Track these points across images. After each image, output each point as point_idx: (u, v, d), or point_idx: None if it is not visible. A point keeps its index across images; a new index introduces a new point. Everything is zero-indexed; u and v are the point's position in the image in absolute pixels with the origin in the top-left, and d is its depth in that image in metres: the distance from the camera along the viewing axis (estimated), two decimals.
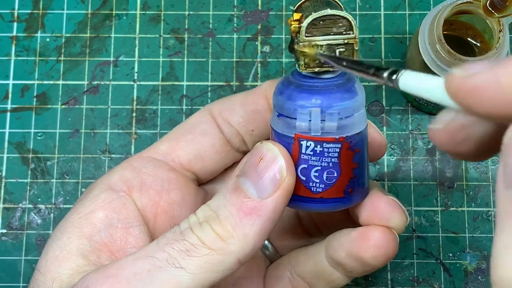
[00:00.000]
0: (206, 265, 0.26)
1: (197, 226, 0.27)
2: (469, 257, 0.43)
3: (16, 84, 0.46)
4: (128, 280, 0.26)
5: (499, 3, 0.36)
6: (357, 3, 0.47)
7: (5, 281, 0.43)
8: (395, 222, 0.29)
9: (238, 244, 0.26)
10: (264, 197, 0.26)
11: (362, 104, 0.29)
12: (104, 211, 0.30)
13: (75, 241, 0.29)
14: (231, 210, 0.27)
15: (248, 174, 0.27)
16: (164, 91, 0.46)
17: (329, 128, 0.27)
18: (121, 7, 0.47)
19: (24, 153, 0.45)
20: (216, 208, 0.27)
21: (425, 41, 0.38)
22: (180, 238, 0.26)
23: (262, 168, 0.27)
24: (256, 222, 0.26)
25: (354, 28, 0.29)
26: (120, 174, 0.32)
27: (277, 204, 0.27)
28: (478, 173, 0.44)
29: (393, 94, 0.46)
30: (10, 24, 0.47)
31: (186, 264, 0.26)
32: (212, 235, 0.26)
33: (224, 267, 0.26)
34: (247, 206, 0.26)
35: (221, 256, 0.26)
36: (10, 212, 0.44)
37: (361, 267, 0.30)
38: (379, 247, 0.28)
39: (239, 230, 0.26)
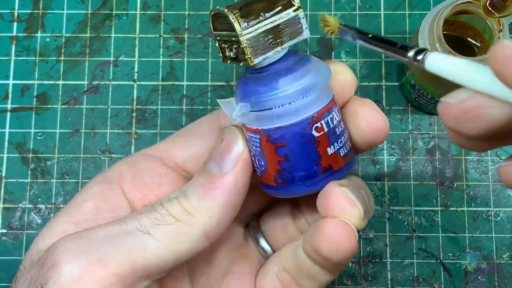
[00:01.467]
0: (172, 235, 0.27)
1: (166, 201, 0.29)
2: (469, 257, 0.43)
3: (16, 84, 0.46)
4: (97, 241, 0.27)
5: (499, 3, 0.36)
6: (357, 3, 0.47)
7: (5, 281, 0.43)
8: (347, 214, 0.28)
9: (203, 218, 0.28)
10: (224, 171, 0.28)
11: (291, 97, 0.28)
12: (94, 200, 0.31)
13: (62, 225, 0.30)
14: (196, 188, 0.29)
15: (212, 155, 0.29)
16: (164, 91, 0.46)
17: (245, 119, 0.29)
18: (121, 7, 0.47)
19: (24, 153, 0.45)
20: (185, 188, 0.29)
21: (425, 41, 0.39)
22: (151, 209, 0.28)
23: (222, 148, 0.29)
24: (218, 197, 0.28)
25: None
26: (117, 168, 0.33)
27: (237, 177, 0.29)
28: (478, 173, 0.44)
29: (393, 94, 0.46)
30: (10, 24, 0.47)
31: (153, 231, 0.27)
32: (179, 207, 0.28)
33: (190, 238, 0.28)
34: (210, 183, 0.28)
35: (187, 226, 0.28)
36: (10, 212, 0.44)
37: (324, 262, 0.29)
38: (332, 240, 0.28)
39: (203, 204, 0.28)
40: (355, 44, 0.46)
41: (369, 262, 0.43)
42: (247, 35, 0.27)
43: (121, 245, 0.27)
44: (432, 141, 0.45)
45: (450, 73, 0.22)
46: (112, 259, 0.26)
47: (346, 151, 0.30)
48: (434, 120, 0.45)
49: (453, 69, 0.22)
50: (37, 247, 0.30)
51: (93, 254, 0.26)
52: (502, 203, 0.44)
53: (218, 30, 0.29)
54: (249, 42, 0.27)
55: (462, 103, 0.23)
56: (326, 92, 0.29)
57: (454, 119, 0.23)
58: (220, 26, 0.28)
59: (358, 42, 0.27)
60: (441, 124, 0.45)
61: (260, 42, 0.27)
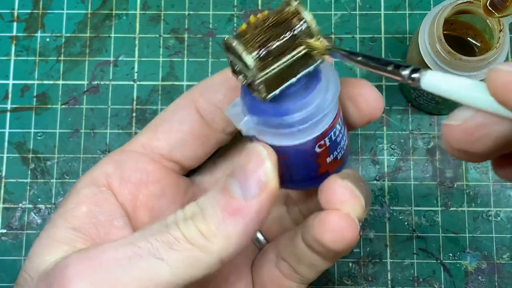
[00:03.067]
0: (186, 260, 0.26)
1: (182, 221, 0.27)
2: (469, 257, 0.43)
3: (16, 84, 0.46)
4: (107, 264, 0.26)
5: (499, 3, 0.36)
6: (357, 3, 0.47)
7: (5, 281, 0.43)
8: (349, 207, 0.28)
9: (220, 244, 0.26)
10: (249, 198, 0.26)
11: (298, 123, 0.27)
12: (87, 205, 0.30)
13: (61, 231, 0.30)
14: (216, 209, 0.27)
15: (236, 174, 0.27)
16: (164, 91, 0.46)
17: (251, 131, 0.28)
18: (121, 7, 0.47)
19: (24, 153, 0.45)
20: (203, 206, 0.27)
21: (425, 41, 0.38)
22: (164, 230, 0.27)
23: (249, 170, 0.27)
24: (239, 223, 0.26)
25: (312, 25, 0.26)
26: (101, 169, 0.32)
27: (261, 206, 0.27)
28: (478, 173, 0.44)
29: (393, 94, 0.46)
30: (10, 24, 0.47)
31: (167, 256, 0.26)
32: (195, 231, 0.26)
33: (205, 264, 0.26)
34: (232, 207, 0.26)
35: (202, 253, 0.26)
36: (10, 212, 0.44)
37: (326, 251, 0.30)
38: (336, 231, 0.28)
39: (222, 229, 0.26)
40: (355, 43, 0.46)
41: (369, 262, 0.43)
42: (263, 77, 0.26)
43: (132, 271, 0.26)
44: (432, 141, 0.45)
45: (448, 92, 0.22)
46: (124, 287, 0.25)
47: (343, 151, 0.30)
48: (434, 120, 0.45)
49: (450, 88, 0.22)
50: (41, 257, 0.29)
51: (103, 280, 0.26)
52: (503, 203, 0.44)
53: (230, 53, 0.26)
54: (264, 82, 0.26)
55: (466, 123, 0.22)
56: (333, 108, 0.28)
57: (460, 140, 0.22)
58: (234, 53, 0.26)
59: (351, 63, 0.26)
60: (441, 125, 0.45)
61: (275, 78, 0.26)
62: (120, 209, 0.32)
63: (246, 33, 0.26)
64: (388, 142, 0.45)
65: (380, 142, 0.45)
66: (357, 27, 0.47)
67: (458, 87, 0.22)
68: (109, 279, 0.25)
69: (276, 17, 0.26)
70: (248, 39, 0.25)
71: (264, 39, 0.25)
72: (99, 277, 0.26)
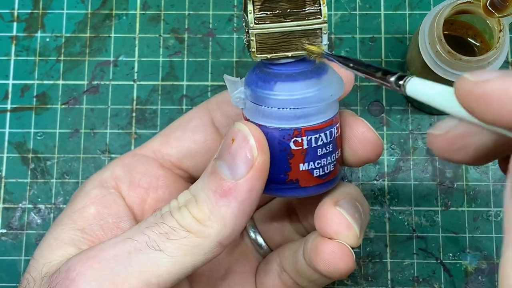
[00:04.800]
0: (185, 248, 0.26)
1: (176, 210, 0.27)
2: (469, 257, 0.43)
3: (16, 84, 0.46)
4: (107, 261, 0.26)
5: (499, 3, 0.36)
6: (357, 3, 0.47)
7: (5, 281, 0.43)
8: (343, 237, 0.28)
9: (216, 227, 0.26)
10: (238, 177, 0.26)
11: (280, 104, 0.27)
12: (96, 206, 0.31)
13: (68, 231, 0.30)
14: (208, 193, 0.27)
15: (223, 156, 0.27)
16: (164, 91, 0.46)
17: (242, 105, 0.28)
18: (121, 7, 0.47)
19: (24, 153, 0.45)
20: (195, 192, 0.27)
21: (425, 41, 0.38)
22: (160, 221, 0.27)
23: (234, 149, 0.27)
24: (232, 204, 0.26)
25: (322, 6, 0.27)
26: (111, 171, 0.32)
27: (251, 184, 0.26)
28: (478, 173, 0.44)
29: (393, 94, 0.46)
30: (10, 24, 0.47)
31: (165, 246, 0.26)
32: (190, 218, 0.26)
33: (204, 250, 0.26)
34: (223, 188, 0.26)
35: (199, 238, 0.26)
36: (10, 212, 0.44)
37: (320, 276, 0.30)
38: (328, 262, 0.28)
39: (216, 212, 0.26)
40: (355, 43, 0.46)
41: (369, 262, 0.43)
42: (257, 30, 0.26)
43: (132, 266, 0.26)
44: None
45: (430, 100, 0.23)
46: (125, 283, 0.26)
47: (323, 173, 0.29)
48: (434, 120, 0.45)
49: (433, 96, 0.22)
50: (46, 258, 0.29)
51: (105, 278, 0.26)
52: (503, 203, 0.44)
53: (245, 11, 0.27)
54: (257, 37, 0.26)
55: (448, 134, 0.23)
56: (325, 111, 0.28)
57: (443, 149, 0.23)
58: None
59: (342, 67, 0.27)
60: None
61: (270, 41, 0.27)
62: (128, 212, 0.31)
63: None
64: (388, 142, 0.45)
65: None
66: (357, 27, 0.47)
67: (439, 94, 0.22)
68: (111, 276, 0.26)
69: None
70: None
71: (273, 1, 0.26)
72: (101, 275, 0.26)
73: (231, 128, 0.27)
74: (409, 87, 0.23)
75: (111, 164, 0.33)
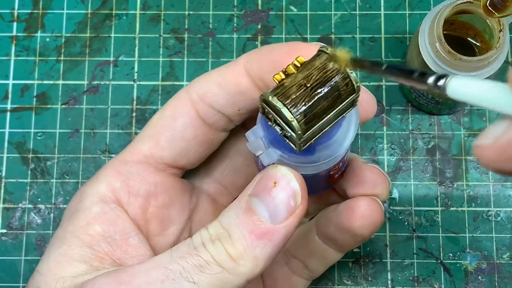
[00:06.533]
0: (216, 283, 0.26)
1: (210, 243, 0.27)
2: (469, 257, 0.43)
3: (16, 84, 0.46)
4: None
5: (499, 3, 0.36)
6: (357, 3, 0.47)
7: (5, 281, 0.43)
8: (380, 189, 0.30)
9: (248, 266, 0.26)
10: (277, 222, 0.26)
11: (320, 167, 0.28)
12: (100, 224, 0.30)
13: (76, 248, 0.29)
14: (243, 232, 0.26)
15: (261, 196, 0.27)
16: (164, 91, 0.46)
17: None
18: (121, 7, 0.47)
19: (24, 153, 0.45)
20: (228, 227, 0.27)
21: (425, 41, 0.38)
22: (194, 253, 0.26)
23: (276, 194, 0.26)
24: (267, 246, 0.26)
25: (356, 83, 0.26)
26: (107, 184, 0.32)
27: (288, 230, 0.27)
28: (478, 173, 0.44)
29: (393, 94, 0.46)
30: (10, 24, 0.47)
31: (198, 279, 0.26)
32: (224, 254, 0.26)
33: (232, 285, 0.26)
34: (259, 230, 0.26)
35: (231, 275, 0.26)
36: (10, 212, 0.44)
37: (351, 239, 0.31)
38: (366, 216, 0.30)
39: (250, 252, 0.26)
40: (355, 43, 0.46)
41: (369, 262, 0.43)
42: (306, 137, 0.25)
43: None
44: (432, 141, 0.45)
45: (477, 99, 0.20)
46: None
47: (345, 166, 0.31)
48: (434, 120, 0.45)
49: (480, 94, 0.20)
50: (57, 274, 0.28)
51: None
52: (502, 203, 0.44)
53: (270, 107, 0.26)
54: (303, 140, 0.26)
55: (498, 142, 0.21)
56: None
57: (494, 161, 0.21)
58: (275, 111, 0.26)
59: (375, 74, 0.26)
60: (441, 124, 0.45)
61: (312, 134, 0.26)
62: (133, 226, 0.31)
63: (286, 88, 0.25)
64: (388, 142, 0.45)
65: (380, 142, 0.45)
66: (357, 27, 0.47)
67: (487, 92, 0.20)
68: None
69: (319, 76, 0.25)
70: (292, 96, 0.25)
71: (308, 100, 0.25)
72: None
73: (272, 170, 0.27)
74: (451, 87, 0.21)
75: (104, 174, 0.32)
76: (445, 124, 0.45)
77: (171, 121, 0.32)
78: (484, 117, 0.45)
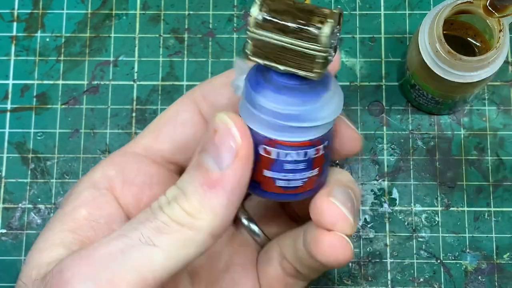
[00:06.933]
0: (178, 242, 0.26)
1: (166, 205, 0.27)
2: (469, 257, 0.43)
3: (16, 84, 0.46)
4: (101, 260, 0.26)
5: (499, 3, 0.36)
6: (357, 3, 0.47)
7: (5, 281, 0.43)
8: (339, 227, 0.28)
9: (207, 218, 0.26)
10: (224, 167, 0.26)
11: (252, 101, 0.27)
12: (87, 208, 0.30)
13: (58, 233, 0.29)
14: (196, 186, 0.27)
15: (206, 148, 0.27)
16: (164, 91, 0.46)
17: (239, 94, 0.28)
18: (121, 7, 0.47)
19: (24, 153, 0.45)
20: (182, 186, 0.27)
21: (425, 41, 0.38)
22: (152, 217, 0.27)
23: (217, 140, 0.27)
24: (221, 194, 0.26)
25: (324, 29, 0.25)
26: (102, 171, 0.32)
27: (238, 174, 0.26)
28: (479, 173, 0.44)
29: (393, 94, 0.46)
30: (10, 24, 0.47)
31: (159, 242, 0.26)
32: (181, 212, 0.26)
33: (197, 242, 0.26)
34: (210, 180, 0.26)
35: (192, 231, 0.26)
36: (10, 212, 0.44)
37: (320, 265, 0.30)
38: (328, 255, 0.28)
39: (205, 204, 0.26)
40: (355, 43, 0.46)
41: (369, 262, 0.43)
42: (255, 35, 0.26)
43: (127, 263, 0.26)
44: (432, 141, 0.45)
45: None
46: (121, 280, 0.25)
47: (287, 186, 0.29)
48: (434, 120, 0.45)
49: None
50: (36, 261, 0.28)
51: (101, 277, 0.25)
52: (502, 203, 0.44)
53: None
54: (254, 42, 0.26)
55: None
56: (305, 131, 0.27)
57: None
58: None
59: None
60: (441, 124, 0.45)
61: (267, 49, 0.26)
62: (121, 212, 0.31)
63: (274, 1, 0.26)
64: (388, 142, 0.45)
65: (380, 142, 0.45)
66: (357, 27, 0.47)
67: None
68: (106, 275, 0.25)
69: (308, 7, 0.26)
70: (270, 5, 0.25)
71: (281, 10, 0.25)
72: (97, 274, 0.26)
73: (213, 120, 0.27)
74: None
75: (101, 164, 0.32)
76: (445, 124, 0.45)
77: (172, 117, 0.33)
78: (484, 117, 0.45)
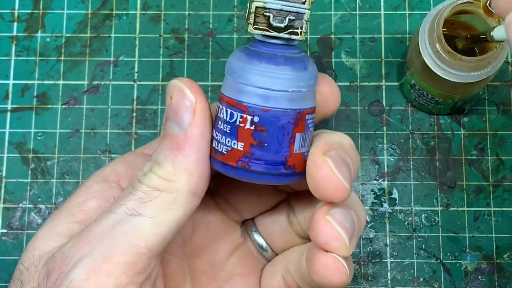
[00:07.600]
0: (162, 206, 0.27)
1: (143, 177, 0.28)
2: (469, 257, 0.43)
3: (16, 84, 0.46)
4: (96, 239, 0.27)
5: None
6: (357, 3, 0.47)
7: (5, 281, 0.43)
8: (332, 247, 0.28)
9: (183, 178, 0.28)
10: (186, 127, 0.28)
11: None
12: (97, 200, 0.31)
13: (66, 224, 0.30)
14: (166, 153, 0.28)
15: (167, 115, 0.29)
16: (164, 91, 0.46)
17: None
18: (121, 7, 0.47)
19: (24, 153, 0.45)
20: (155, 157, 0.29)
21: (425, 41, 0.38)
22: (132, 190, 0.28)
23: (174, 104, 0.28)
24: (190, 153, 0.28)
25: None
26: (112, 168, 0.33)
27: (200, 129, 0.28)
28: (478, 173, 0.44)
29: (393, 94, 0.46)
30: (10, 24, 0.47)
31: (143, 211, 0.27)
32: (158, 179, 0.28)
33: (180, 203, 0.28)
34: (176, 143, 0.28)
35: (172, 194, 0.27)
36: (10, 212, 0.44)
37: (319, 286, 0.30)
38: (322, 276, 0.28)
39: (178, 166, 0.28)
40: (355, 43, 0.46)
41: (369, 262, 0.43)
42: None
43: (118, 236, 0.27)
44: (432, 141, 0.45)
45: None
46: (114, 251, 0.27)
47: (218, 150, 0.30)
48: (434, 120, 0.45)
49: None
50: (40, 249, 0.29)
51: (95, 253, 0.27)
52: (502, 203, 0.44)
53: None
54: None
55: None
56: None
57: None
58: None
59: None
60: (441, 124, 0.45)
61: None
62: None
63: None
64: (388, 142, 0.45)
65: (380, 142, 0.45)
66: (357, 27, 0.47)
67: None
68: (100, 250, 0.27)
69: None
70: None
71: None
72: (90, 251, 0.27)
73: (167, 88, 0.29)
74: None
75: (112, 162, 0.33)
76: (445, 124, 0.45)
77: None
78: (484, 117, 0.45)
